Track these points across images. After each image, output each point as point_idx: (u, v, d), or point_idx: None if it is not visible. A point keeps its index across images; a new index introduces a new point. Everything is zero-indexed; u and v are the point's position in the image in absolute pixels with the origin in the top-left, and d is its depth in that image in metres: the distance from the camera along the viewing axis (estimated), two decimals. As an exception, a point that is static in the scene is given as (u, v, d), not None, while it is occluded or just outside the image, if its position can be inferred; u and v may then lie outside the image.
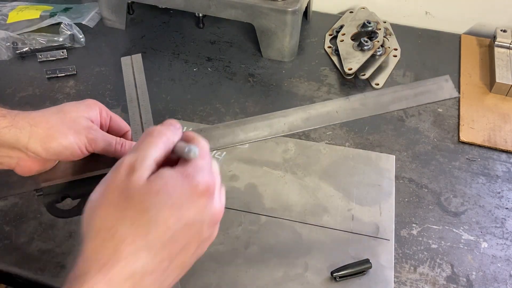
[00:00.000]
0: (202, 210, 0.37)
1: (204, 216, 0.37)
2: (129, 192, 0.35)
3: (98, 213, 0.35)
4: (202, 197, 0.36)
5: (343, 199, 0.71)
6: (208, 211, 0.37)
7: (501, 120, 0.83)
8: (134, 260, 0.33)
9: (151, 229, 0.34)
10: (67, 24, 0.96)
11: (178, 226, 0.35)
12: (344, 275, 0.61)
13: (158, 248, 0.34)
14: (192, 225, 0.36)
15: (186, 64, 0.94)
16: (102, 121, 0.52)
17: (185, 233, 0.36)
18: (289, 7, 0.87)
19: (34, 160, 0.48)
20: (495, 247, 0.66)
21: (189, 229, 0.36)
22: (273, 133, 0.55)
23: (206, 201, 0.37)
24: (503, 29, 0.95)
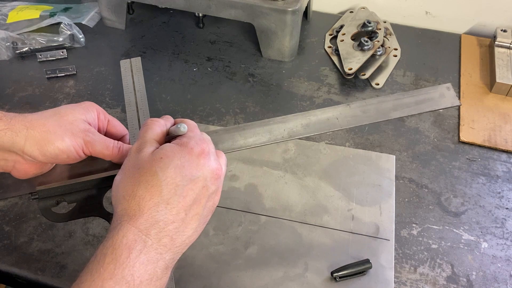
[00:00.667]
0: (202, 167, 0.43)
1: (205, 172, 0.43)
2: (140, 164, 0.42)
3: (121, 186, 0.42)
4: (199, 157, 0.44)
5: (343, 199, 0.71)
6: (207, 167, 0.44)
7: (501, 120, 0.83)
8: (155, 212, 0.41)
9: (162, 187, 0.41)
10: (67, 24, 0.96)
11: (184, 182, 0.42)
12: (344, 275, 0.61)
13: (173, 201, 0.41)
14: (196, 180, 0.43)
15: (186, 64, 0.94)
16: (100, 124, 0.53)
17: (192, 188, 0.42)
18: (289, 7, 0.87)
19: (31, 163, 0.48)
20: (495, 247, 0.66)
21: (194, 184, 0.43)
22: (272, 139, 0.55)
23: (204, 160, 0.44)
24: (503, 29, 0.95)
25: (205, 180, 0.43)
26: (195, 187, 0.43)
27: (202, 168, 0.43)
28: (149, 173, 0.41)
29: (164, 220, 0.41)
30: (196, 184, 0.43)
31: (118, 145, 0.51)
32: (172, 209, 0.41)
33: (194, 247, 0.65)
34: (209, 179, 0.44)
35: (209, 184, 0.44)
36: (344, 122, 0.58)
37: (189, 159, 0.43)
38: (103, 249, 0.40)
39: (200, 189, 0.43)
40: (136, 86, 0.58)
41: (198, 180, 0.43)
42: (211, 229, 0.67)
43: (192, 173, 0.42)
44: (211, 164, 0.44)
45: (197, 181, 0.43)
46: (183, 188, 0.42)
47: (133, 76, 0.59)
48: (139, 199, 0.41)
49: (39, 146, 0.47)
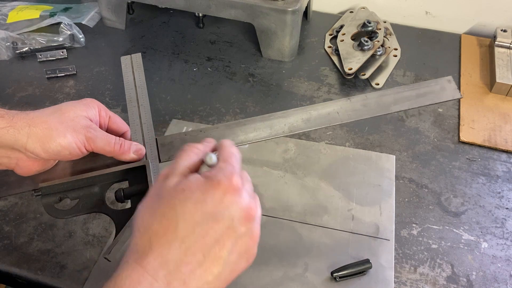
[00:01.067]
0: (229, 205, 0.38)
1: (232, 211, 0.38)
2: (161, 193, 0.39)
3: (139, 215, 0.39)
4: (226, 193, 0.38)
5: (343, 199, 0.71)
6: (236, 205, 0.38)
7: (501, 120, 0.83)
8: (166, 251, 0.36)
9: (179, 223, 0.37)
10: (67, 24, 0.96)
11: (205, 220, 0.37)
12: (344, 275, 0.61)
13: (188, 240, 0.37)
14: (219, 219, 0.38)
15: (186, 64, 0.94)
16: (101, 120, 0.53)
17: (213, 227, 0.37)
18: (289, 7, 0.87)
19: (33, 160, 0.48)
20: (495, 247, 0.66)
21: (217, 223, 0.38)
22: (273, 134, 0.55)
23: (232, 197, 0.38)
24: (503, 29, 0.95)
25: (231, 219, 0.38)
26: (218, 227, 0.37)
27: (230, 206, 0.38)
28: (167, 205, 0.38)
29: (175, 260, 0.36)
30: (219, 224, 0.37)
31: (120, 142, 0.50)
32: (188, 248, 0.37)
33: (194, 247, 0.65)
34: (238, 219, 0.38)
35: (237, 225, 0.38)
36: (345, 116, 0.57)
37: (213, 194, 0.38)
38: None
39: (224, 229, 0.38)
40: (137, 82, 0.58)
41: (222, 219, 0.38)
42: (211, 229, 0.67)
43: (215, 210, 0.37)
44: (242, 202, 0.39)
45: (221, 220, 0.38)
46: (203, 227, 0.37)
47: (133, 72, 0.59)
48: (152, 234, 0.37)
49: (41, 143, 0.47)
